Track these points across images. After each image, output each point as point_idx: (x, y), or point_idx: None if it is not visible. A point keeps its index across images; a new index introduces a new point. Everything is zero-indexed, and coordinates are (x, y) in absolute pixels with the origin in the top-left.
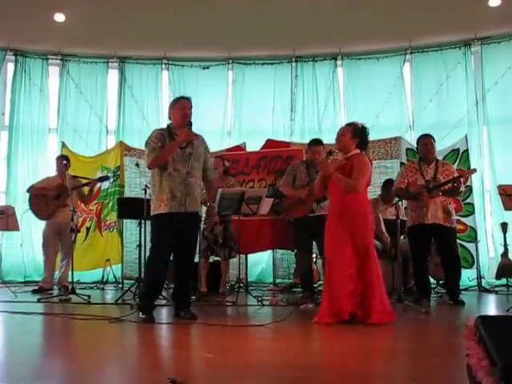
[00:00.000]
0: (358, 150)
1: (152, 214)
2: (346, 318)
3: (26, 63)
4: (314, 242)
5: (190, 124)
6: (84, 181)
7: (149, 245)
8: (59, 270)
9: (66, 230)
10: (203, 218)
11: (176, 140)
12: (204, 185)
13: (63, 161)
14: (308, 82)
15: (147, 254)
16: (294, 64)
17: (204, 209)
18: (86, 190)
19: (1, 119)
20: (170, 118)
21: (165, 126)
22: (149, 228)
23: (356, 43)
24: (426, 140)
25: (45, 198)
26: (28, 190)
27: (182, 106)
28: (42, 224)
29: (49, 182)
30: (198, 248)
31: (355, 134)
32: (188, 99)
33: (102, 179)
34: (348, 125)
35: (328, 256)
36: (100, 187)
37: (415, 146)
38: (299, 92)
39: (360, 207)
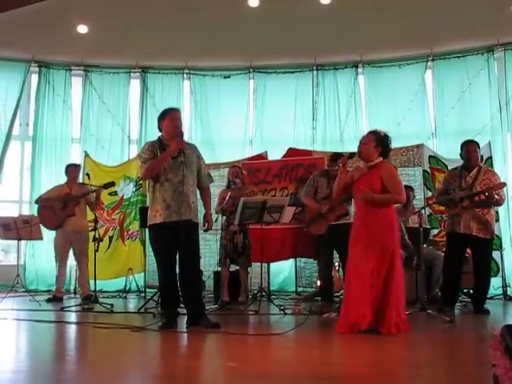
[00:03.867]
0: (380, 158)
1: (148, 224)
2: (365, 328)
3: (50, 74)
4: (334, 251)
5: (182, 134)
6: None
7: None
8: (78, 283)
9: (77, 238)
10: (223, 226)
11: (167, 150)
12: (200, 192)
13: (74, 169)
14: (329, 91)
15: None
16: (315, 72)
17: (221, 218)
18: (92, 197)
19: (25, 130)
20: (160, 130)
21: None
22: None
23: (377, 51)
24: (469, 146)
25: (52, 209)
26: (36, 201)
27: (172, 118)
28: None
29: (55, 191)
30: (217, 257)
31: (379, 142)
32: (178, 110)
33: (107, 186)
34: (370, 133)
35: (349, 265)
36: (122, 196)
37: (438, 153)
38: (320, 100)
39: (387, 216)
